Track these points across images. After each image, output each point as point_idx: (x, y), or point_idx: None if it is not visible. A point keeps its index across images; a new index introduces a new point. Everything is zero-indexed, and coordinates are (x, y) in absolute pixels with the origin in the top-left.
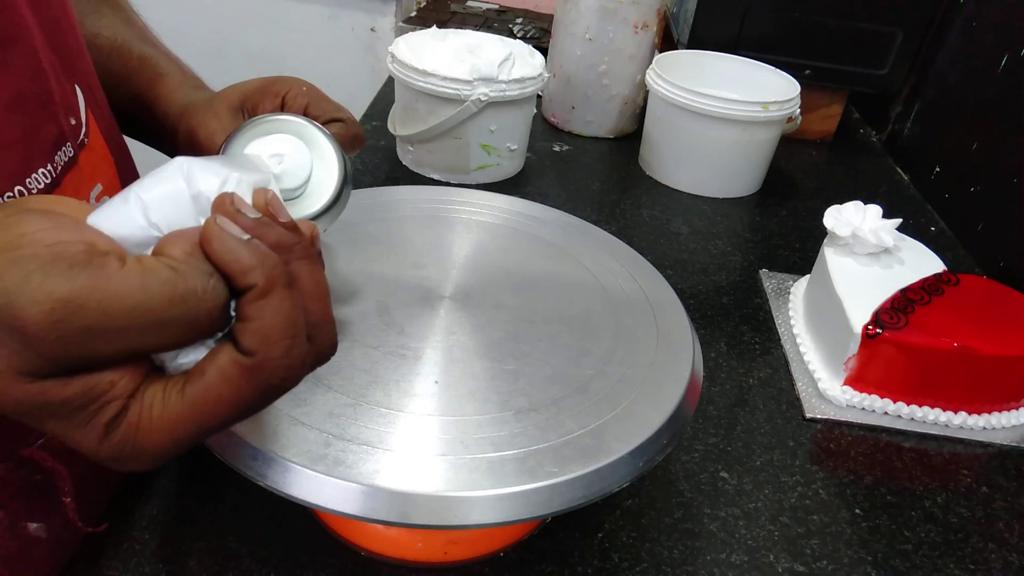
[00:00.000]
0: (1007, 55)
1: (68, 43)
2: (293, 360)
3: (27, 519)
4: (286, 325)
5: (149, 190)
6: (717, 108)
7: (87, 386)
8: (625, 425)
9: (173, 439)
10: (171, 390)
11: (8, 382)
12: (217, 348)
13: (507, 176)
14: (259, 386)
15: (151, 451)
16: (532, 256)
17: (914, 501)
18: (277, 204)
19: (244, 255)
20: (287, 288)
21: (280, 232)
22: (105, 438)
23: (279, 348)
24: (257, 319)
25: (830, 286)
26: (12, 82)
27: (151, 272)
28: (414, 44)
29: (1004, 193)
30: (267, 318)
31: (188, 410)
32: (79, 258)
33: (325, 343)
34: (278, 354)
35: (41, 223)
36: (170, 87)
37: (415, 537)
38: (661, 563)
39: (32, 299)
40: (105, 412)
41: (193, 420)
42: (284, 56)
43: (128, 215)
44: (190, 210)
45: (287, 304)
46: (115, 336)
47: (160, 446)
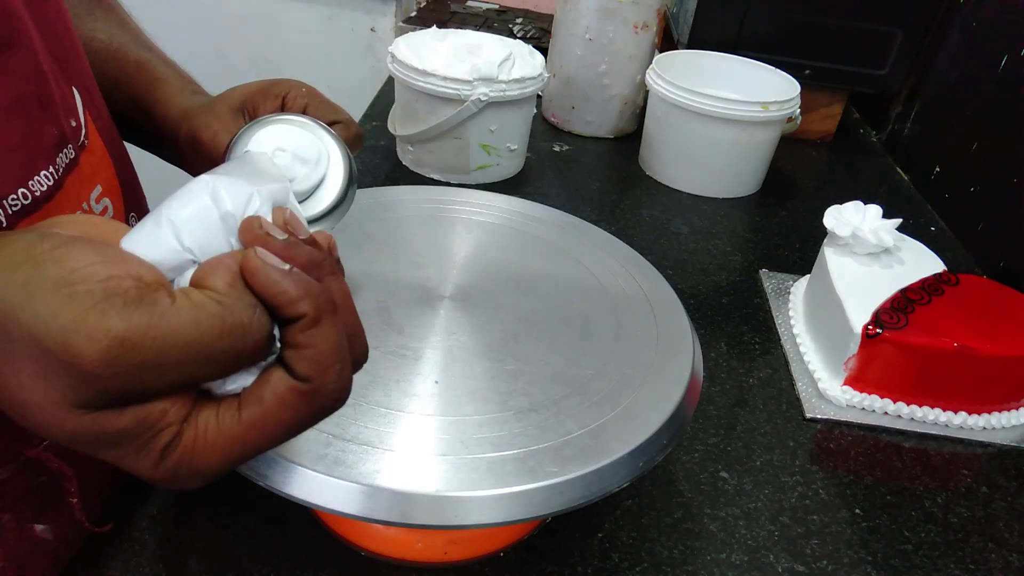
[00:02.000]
0: (1007, 55)
1: (64, 45)
2: (344, 381)
3: (33, 520)
4: (337, 350)
5: (179, 212)
6: (717, 108)
7: (140, 416)
8: (625, 425)
9: (228, 459)
10: (225, 413)
11: (63, 414)
12: (270, 374)
13: (507, 176)
14: (315, 409)
15: (205, 471)
16: (532, 256)
17: (914, 501)
18: (296, 221)
19: (290, 287)
20: (333, 314)
21: (308, 251)
22: (160, 463)
23: (333, 372)
24: (311, 347)
25: (830, 286)
26: (12, 84)
27: (201, 308)
28: (414, 44)
29: (1004, 193)
30: (320, 345)
31: (245, 432)
32: (132, 294)
33: (359, 352)
34: (332, 378)
35: (90, 257)
36: (169, 92)
37: (415, 537)
38: (661, 563)
39: (89, 337)
40: (160, 439)
41: (249, 442)
42: (284, 56)
43: (161, 239)
44: (220, 231)
45: (336, 330)
46: (168, 371)
47: (215, 466)
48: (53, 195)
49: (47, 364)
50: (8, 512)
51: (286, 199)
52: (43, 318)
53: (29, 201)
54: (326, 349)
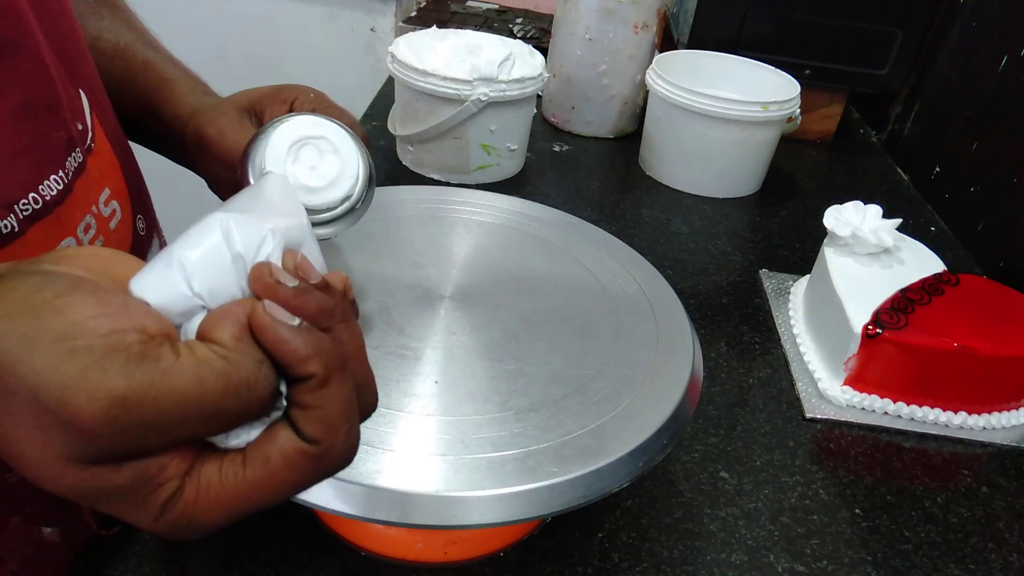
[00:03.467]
0: (1007, 55)
1: (70, 47)
2: (352, 441)
3: (42, 523)
4: (346, 410)
5: (190, 253)
6: (717, 108)
7: (139, 472)
8: (625, 425)
9: (229, 514)
10: (228, 469)
11: (61, 468)
12: (276, 432)
13: (507, 176)
14: (322, 470)
15: (207, 525)
16: (532, 256)
17: (914, 501)
18: (307, 265)
19: (300, 345)
20: (343, 372)
21: (319, 299)
22: (160, 517)
23: (341, 433)
24: (319, 408)
25: (830, 286)
26: (21, 88)
27: (205, 365)
28: (414, 44)
29: (1004, 193)
30: (329, 407)
31: (248, 490)
32: (134, 350)
33: (368, 403)
34: (341, 440)
35: (92, 308)
36: (178, 92)
37: (415, 537)
38: (661, 563)
39: (90, 396)
40: (160, 494)
41: (252, 499)
42: (284, 56)
43: (171, 283)
44: (231, 275)
45: (345, 389)
46: (169, 428)
47: (215, 521)
48: (63, 199)
49: (45, 419)
50: (17, 515)
51: (302, 234)
52: (42, 373)
53: (40, 205)
54: (335, 410)
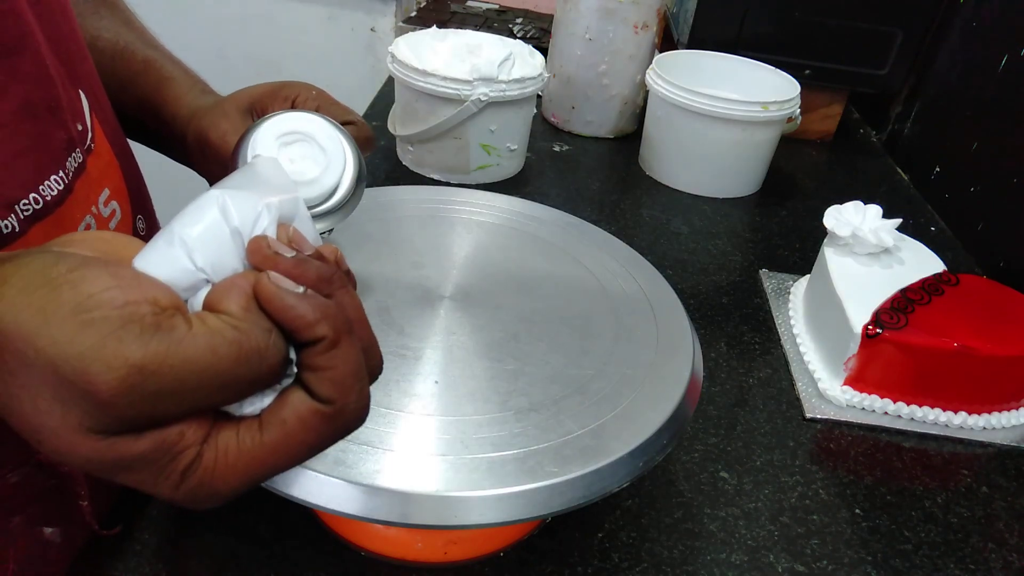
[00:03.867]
0: (1007, 55)
1: (70, 48)
2: (364, 399)
3: (43, 523)
4: (357, 369)
5: (190, 230)
6: (717, 108)
7: (158, 440)
8: (625, 425)
9: (248, 480)
10: (245, 435)
11: (79, 439)
12: (290, 396)
13: (507, 176)
14: (338, 428)
15: (226, 491)
16: (532, 256)
17: (914, 501)
18: (300, 237)
19: (307, 311)
20: (350, 334)
21: (318, 267)
22: (181, 485)
23: (354, 392)
24: (331, 368)
25: (830, 286)
26: (22, 89)
27: (217, 334)
28: (414, 44)
29: (1004, 193)
30: (340, 367)
31: (266, 454)
32: (148, 321)
33: (375, 365)
34: (354, 398)
35: (106, 281)
36: (178, 91)
37: (415, 537)
38: (661, 563)
39: (107, 365)
40: (179, 462)
41: (270, 463)
42: (284, 56)
43: (175, 259)
44: (231, 248)
45: (354, 349)
46: (186, 397)
47: (235, 487)
48: (64, 199)
49: (64, 390)
50: (19, 515)
51: (294, 208)
52: (60, 344)
53: (41, 206)
54: (346, 370)
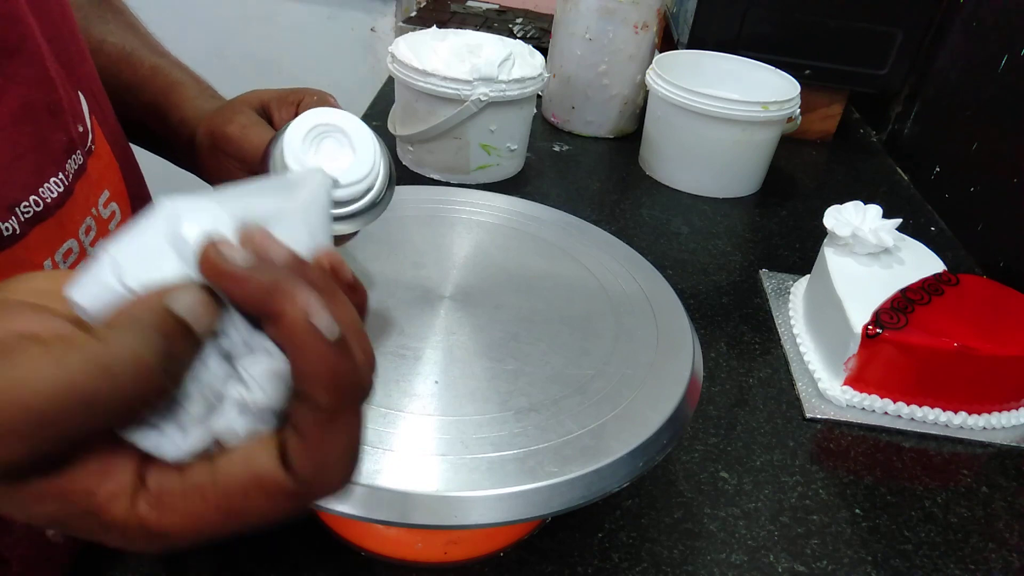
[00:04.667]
0: (1007, 55)
1: (70, 49)
2: (348, 481)
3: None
4: (351, 452)
5: (125, 247)
6: (717, 108)
7: (64, 488)
8: (625, 425)
9: (198, 531)
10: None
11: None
12: (258, 450)
13: (507, 176)
14: (302, 506)
15: (178, 537)
16: (532, 256)
17: (914, 501)
18: (264, 241)
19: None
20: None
21: (276, 272)
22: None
23: (338, 478)
24: (318, 447)
25: (830, 286)
26: (22, 91)
27: (74, 348)
28: (414, 44)
29: (1004, 193)
30: (329, 449)
31: (209, 509)
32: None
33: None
34: (337, 482)
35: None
36: (187, 95)
37: (415, 537)
38: (661, 563)
39: None
40: (112, 510)
41: (220, 523)
42: (284, 56)
43: (102, 282)
44: (173, 262)
45: (355, 428)
46: (46, 424)
47: (185, 535)
48: (64, 201)
49: None
50: None
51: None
52: None
53: (41, 208)
54: (337, 453)
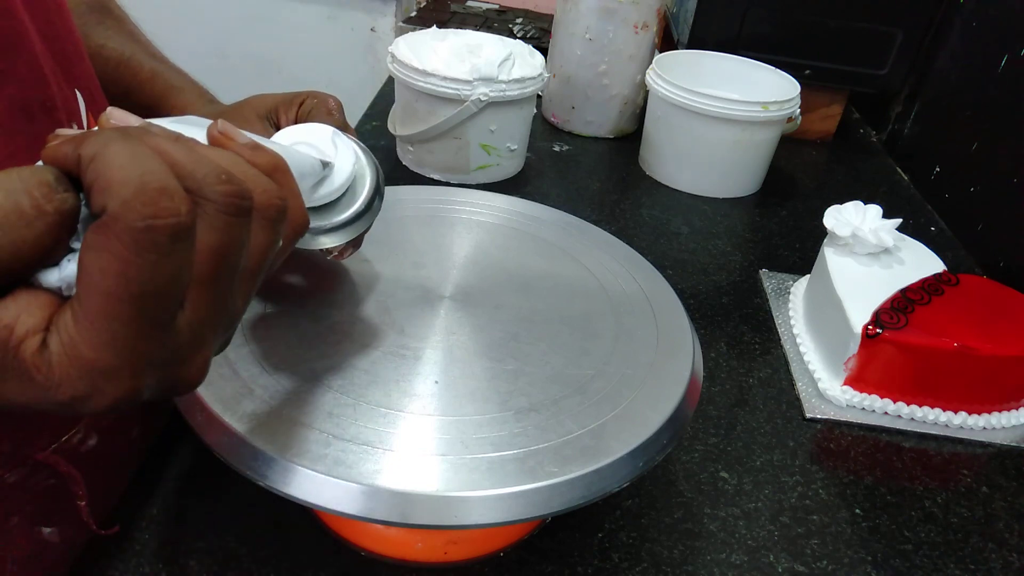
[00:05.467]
0: (1007, 55)
1: (67, 48)
2: (152, 194)
3: (41, 523)
4: (126, 163)
5: None
6: (717, 108)
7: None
8: (625, 425)
9: (104, 344)
10: (74, 300)
11: None
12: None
13: (507, 176)
14: (131, 241)
15: (97, 368)
16: (532, 256)
17: (914, 501)
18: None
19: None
20: (123, 138)
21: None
22: (48, 374)
23: (127, 189)
24: (95, 179)
25: (830, 286)
26: (15, 90)
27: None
28: (414, 44)
29: (1004, 193)
30: (102, 172)
31: (94, 307)
32: None
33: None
34: (129, 194)
35: None
36: (187, 100)
37: (415, 537)
38: (661, 563)
39: None
40: (24, 350)
41: (105, 313)
42: (284, 56)
43: None
44: None
45: (120, 146)
46: None
47: (99, 360)
48: None
49: None
50: (16, 515)
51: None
52: None
53: None
54: (109, 173)
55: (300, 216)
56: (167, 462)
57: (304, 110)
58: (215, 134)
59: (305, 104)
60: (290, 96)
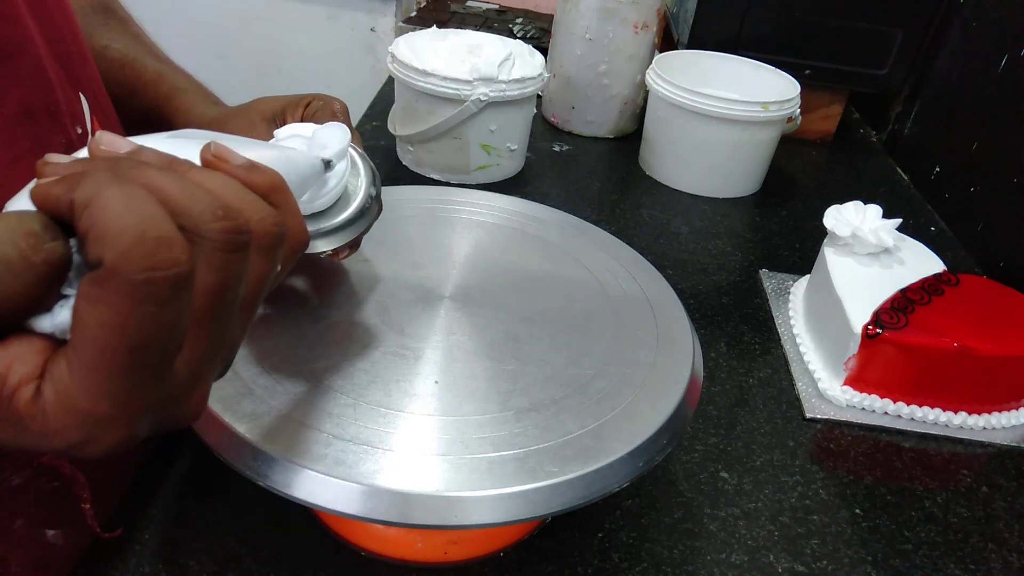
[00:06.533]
0: (1007, 55)
1: (71, 51)
2: (151, 245)
3: (45, 526)
4: (122, 211)
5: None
6: (717, 108)
7: None
8: (625, 425)
9: (100, 396)
10: (68, 348)
11: None
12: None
13: (507, 176)
14: (130, 294)
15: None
16: (532, 256)
17: (914, 501)
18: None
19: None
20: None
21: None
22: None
23: (124, 240)
24: (91, 227)
25: (830, 286)
26: (20, 94)
27: None
28: (414, 44)
29: (1004, 193)
30: (99, 219)
31: (90, 359)
32: None
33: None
34: (127, 245)
35: None
36: (191, 101)
37: (415, 537)
38: (661, 563)
39: None
40: (17, 399)
41: (102, 366)
42: (284, 56)
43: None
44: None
45: (114, 192)
46: None
47: (95, 410)
48: None
49: None
50: (21, 518)
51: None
52: None
53: None
54: (106, 220)
55: (299, 235)
56: (168, 463)
57: (309, 112)
58: (209, 158)
59: (311, 107)
60: (296, 98)
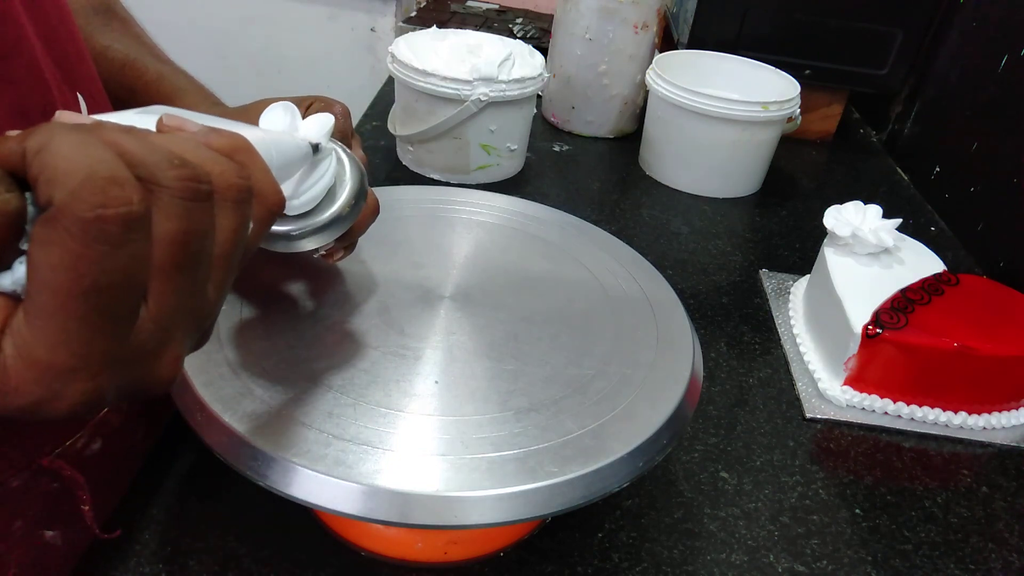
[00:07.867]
0: (1007, 55)
1: (68, 51)
2: (100, 183)
3: (43, 527)
4: (73, 154)
5: None
6: (717, 108)
7: None
8: (625, 425)
9: (58, 343)
10: (26, 299)
11: None
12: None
13: (507, 176)
14: (80, 232)
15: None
16: (532, 256)
17: (914, 501)
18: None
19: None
20: (70, 129)
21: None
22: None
23: (74, 179)
24: (40, 172)
25: (830, 286)
26: (15, 94)
27: None
28: (414, 44)
29: (1004, 193)
30: (46, 161)
31: (45, 305)
32: None
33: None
34: (76, 183)
35: None
36: (192, 102)
37: (415, 537)
38: (661, 563)
39: None
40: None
41: (57, 310)
42: (284, 56)
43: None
44: None
45: (67, 137)
46: None
47: (54, 360)
48: None
49: None
50: (21, 519)
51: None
52: None
53: None
54: (54, 163)
55: (272, 194)
56: (168, 463)
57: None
58: (165, 123)
59: (312, 108)
60: (297, 100)
